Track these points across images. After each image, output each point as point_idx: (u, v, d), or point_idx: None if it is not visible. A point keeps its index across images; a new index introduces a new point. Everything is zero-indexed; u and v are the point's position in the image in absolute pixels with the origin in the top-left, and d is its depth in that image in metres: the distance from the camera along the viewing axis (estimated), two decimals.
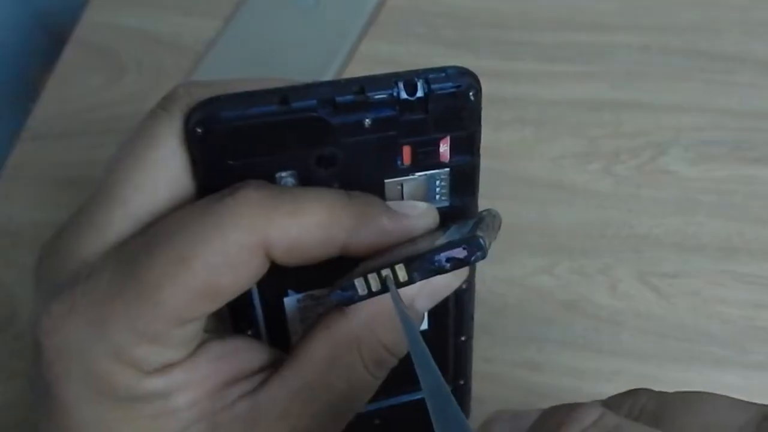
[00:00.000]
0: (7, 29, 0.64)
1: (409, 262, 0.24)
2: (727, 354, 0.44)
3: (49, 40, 0.63)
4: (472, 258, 0.24)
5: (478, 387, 0.36)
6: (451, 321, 0.31)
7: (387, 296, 0.25)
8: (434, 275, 0.24)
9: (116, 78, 0.57)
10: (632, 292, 0.46)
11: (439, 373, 0.21)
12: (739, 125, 0.51)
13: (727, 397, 0.22)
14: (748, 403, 0.22)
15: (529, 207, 0.49)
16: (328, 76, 0.53)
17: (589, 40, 0.56)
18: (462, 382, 0.34)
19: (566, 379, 0.44)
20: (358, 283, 0.25)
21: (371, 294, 0.25)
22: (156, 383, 0.25)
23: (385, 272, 0.24)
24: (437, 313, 0.28)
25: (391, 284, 0.24)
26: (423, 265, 0.24)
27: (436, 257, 0.24)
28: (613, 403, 0.24)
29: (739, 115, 0.52)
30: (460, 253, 0.24)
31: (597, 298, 0.46)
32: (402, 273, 0.24)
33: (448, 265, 0.24)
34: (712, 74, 0.53)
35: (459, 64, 0.26)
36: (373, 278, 0.24)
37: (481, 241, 0.24)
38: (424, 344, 0.22)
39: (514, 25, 0.57)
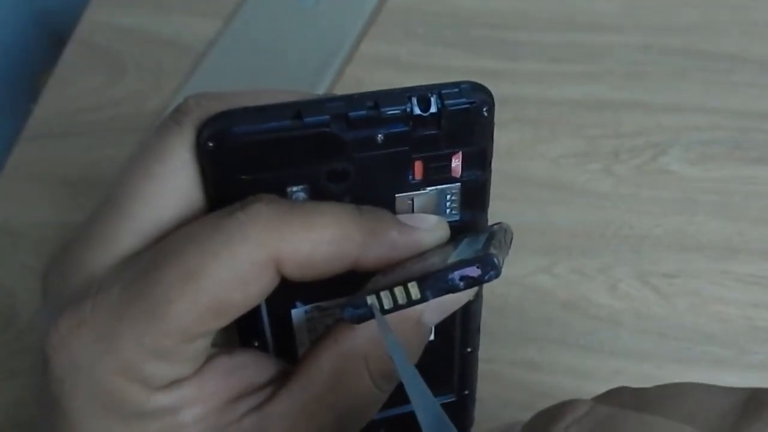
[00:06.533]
0: (7, 29, 0.64)
1: (422, 280, 0.24)
2: (727, 354, 0.44)
3: (49, 40, 0.63)
4: (486, 277, 0.24)
5: (478, 387, 0.35)
6: (458, 333, 0.31)
7: None
8: (447, 293, 0.24)
9: (116, 78, 0.56)
10: (632, 292, 0.46)
11: (433, 398, 0.21)
12: (739, 125, 0.51)
13: (706, 385, 0.22)
14: (728, 388, 0.22)
15: (529, 207, 0.49)
16: (328, 76, 0.53)
17: (589, 40, 0.55)
18: (467, 392, 0.34)
19: (566, 379, 0.44)
20: (371, 300, 0.24)
21: (384, 312, 0.24)
22: (164, 399, 0.25)
23: (398, 290, 0.24)
24: (444, 324, 0.28)
25: (377, 311, 0.24)
26: (436, 284, 0.24)
27: (450, 276, 0.24)
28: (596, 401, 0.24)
29: (739, 115, 0.52)
30: (473, 271, 0.24)
31: (597, 298, 0.46)
32: (414, 291, 0.24)
33: (462, 284, 0.24)
34: (712, 74, 0.53)
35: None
36: (386, 296, 0.24)
37: (495, 259, 0.24)
38: (416, 372, 0.22)
39: (514, 25, 0.56)
